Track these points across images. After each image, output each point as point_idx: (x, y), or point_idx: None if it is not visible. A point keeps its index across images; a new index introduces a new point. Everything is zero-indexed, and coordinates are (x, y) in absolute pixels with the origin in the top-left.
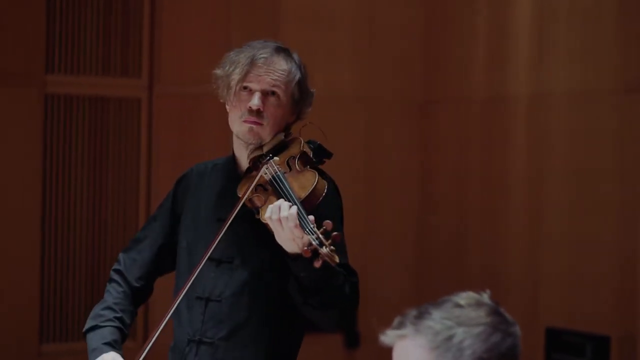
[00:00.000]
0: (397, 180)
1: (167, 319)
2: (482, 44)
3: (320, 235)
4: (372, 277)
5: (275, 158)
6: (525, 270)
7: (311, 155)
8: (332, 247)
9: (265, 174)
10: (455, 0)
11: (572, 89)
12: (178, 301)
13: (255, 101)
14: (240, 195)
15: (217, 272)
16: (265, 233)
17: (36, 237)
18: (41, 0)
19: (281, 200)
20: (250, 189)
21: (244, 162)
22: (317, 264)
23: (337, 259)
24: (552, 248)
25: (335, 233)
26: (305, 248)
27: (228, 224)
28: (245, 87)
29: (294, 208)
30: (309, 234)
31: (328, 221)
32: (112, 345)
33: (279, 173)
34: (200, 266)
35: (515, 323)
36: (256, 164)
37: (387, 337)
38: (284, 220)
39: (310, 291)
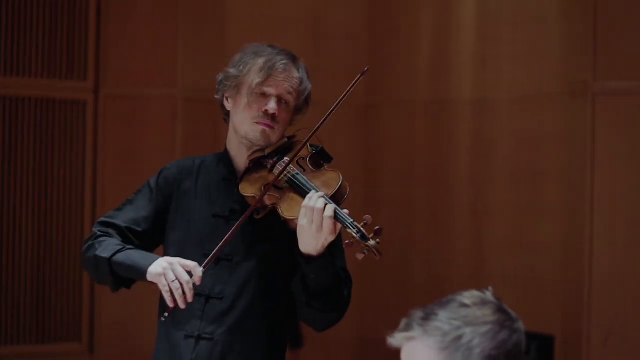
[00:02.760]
0: None
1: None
2: (426, 48)
3: (362, 229)
4: None
5: (286, 159)
6: (470, 272)
7: (319, 157)
8: (377, 240)
9: (281, 172)
10: (399, 3)
11: (517, 93)
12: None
13: (274, 105)
14: (247, 194)
15: (217, 270)
16: (263, 231)
17: None
18: None
19: (320, 194)
20: (268, 187)
21: (240, 161)
22: (360, 256)
23: (381, 252)
24: (497, 250)
25: (377, 227)
26: (347, 242)
27: (242, 221)
28: (262, 91)
29: (332, 204)
30: (350, 228)
31: (368, 215)
32: None
33: (297, 171)
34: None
35: (518, 319)
36: (257, 164)
37: (395, 339)
38: (317, 212)
39: (316, 293)
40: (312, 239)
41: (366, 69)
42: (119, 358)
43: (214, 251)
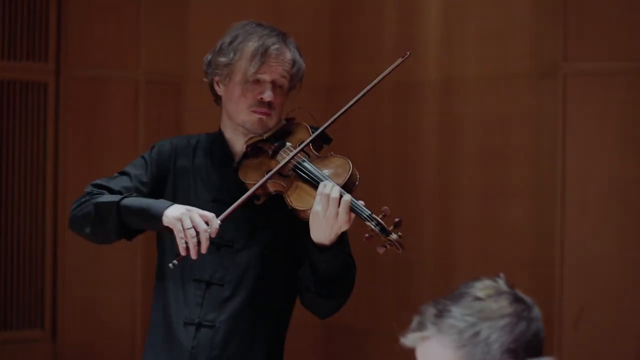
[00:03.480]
0: None
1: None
2: (391, 28)
3: (382, 221)
4: None
5: (288, 144)
6: (438, 254)
7: (320, 140)
8: (399, 233)
9: (286, 160)
10: None
11: (485, 73)
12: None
13: (269, 93)
14: (249, 181)
15: (217, 256)
16: (264, 218)
17: None
18: None
19: (332, 184)
20: (270, 174)
21: (236, 145)
22: (381, 250)
23: (404, 246)
24: (465, 232)
25: (397, 219)
26: (367, 235)
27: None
28: (256, 78)
29: (347, 194)
30: (368, 221)
31: (386, 207)
32: None
33: (303, 158)
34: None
35: (534, 304)
36: (256, 149)
37: (408, 339)
38: (332, 202)
39: (325, 281)
40: (326, 227)
41: (408, 53)
42: (83, 344)
43: (227, 212)
